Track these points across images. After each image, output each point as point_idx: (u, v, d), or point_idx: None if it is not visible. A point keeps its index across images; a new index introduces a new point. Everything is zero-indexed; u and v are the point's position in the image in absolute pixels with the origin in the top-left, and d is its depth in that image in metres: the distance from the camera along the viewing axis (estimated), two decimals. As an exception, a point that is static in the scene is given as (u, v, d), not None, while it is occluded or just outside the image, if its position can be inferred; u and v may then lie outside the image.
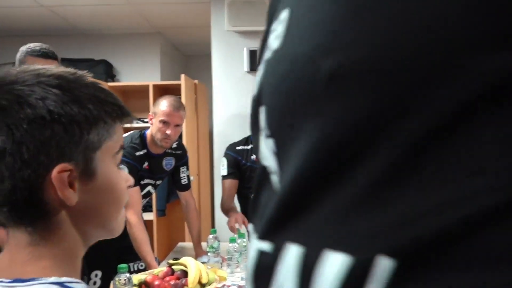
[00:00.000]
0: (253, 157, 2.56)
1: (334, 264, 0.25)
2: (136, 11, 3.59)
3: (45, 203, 0.56)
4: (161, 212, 3.71)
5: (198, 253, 2.42)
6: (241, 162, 2.57)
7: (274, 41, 0.33)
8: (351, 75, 0.25)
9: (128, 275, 1.62)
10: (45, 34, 4.11)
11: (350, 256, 0.24)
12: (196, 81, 3.82)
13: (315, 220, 0.27)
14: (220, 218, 3.02)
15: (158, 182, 2.46)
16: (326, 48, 0.27)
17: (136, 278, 1.81)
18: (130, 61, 4.26)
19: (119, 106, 0.62)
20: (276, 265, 0.28)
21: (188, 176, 2.54)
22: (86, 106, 0.57)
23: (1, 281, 0.55)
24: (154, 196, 3.41)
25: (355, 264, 0.24)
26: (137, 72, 4.24)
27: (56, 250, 0.59)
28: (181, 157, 2.49)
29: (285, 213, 0.30)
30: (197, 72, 4.69)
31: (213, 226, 3.10)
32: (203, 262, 2.17)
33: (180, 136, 3.06)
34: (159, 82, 4.00)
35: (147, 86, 3.72)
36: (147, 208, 3.49)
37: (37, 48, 1.76)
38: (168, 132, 2.18)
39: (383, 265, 0.23)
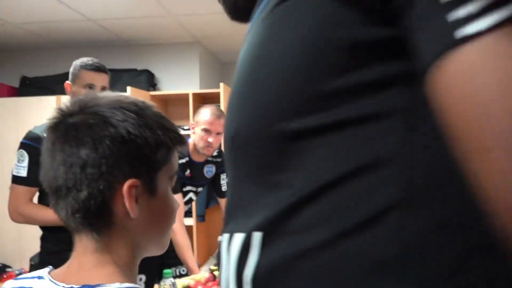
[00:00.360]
0: None
1: (237, 240, 0.44)
2: (176, 21, 3.70)
3: (113, 213, 0.64)
4: (200, 218, 3.79)
5: None
6: None
7: None
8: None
9: (172, 280, 1.68)
10: (91, 45, 4.31)
11: (243, 233, 0.43)
12: (234, 89, 3.88)
13: (232, 216, 0.48)
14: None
15: (200, 189, 2.53)
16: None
17: (180, 283, 1.87)
18: (170, 70, 4.38)
19: (179, 134, 0.71)
20: (220, 247, 0.48)
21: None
22: (156, 131, 0.66)
23: (71, 287, 0.61)
24: (194, 202, 3.49)
25: (245, 238, 0.43)
26: (177, 81, 4.36)
27: (117, 258, 0.65)
28: (221, 164, 2.55)
29: (225, 214, 0.50)
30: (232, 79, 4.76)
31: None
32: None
33: (220, 144, 3.13)
34: (199, 90, 4.09)
35: (187, 95, 3.82)
36: (187, 214, 3.58)
37: (90, 62, 1.86)
38: (210, 140, 2.24)
39: (256, 236, 0.42)
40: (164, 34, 4.08)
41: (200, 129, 2.24)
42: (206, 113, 2.26)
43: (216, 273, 1.96)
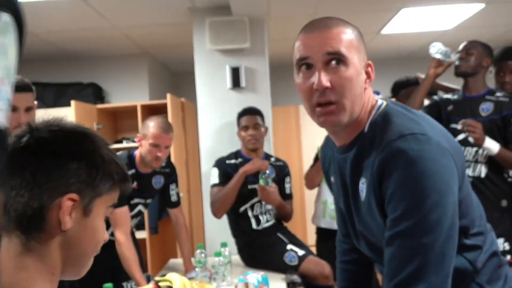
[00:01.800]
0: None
1: None
2: (121, 33, 3.67)
3: (46, 221, 0.69)
4: (153, 230, 3.75)
5: (187, 268, 2.46)
6: (231, 175, 2.61)
7: None
8: None
9: (113, 294, 1.66)
10: (33, 59, 4.19)
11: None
12: (182, 99, 3.89)
13: None
14: (211, 232, 3.07)
15: (149, 201, 2.51)
16: None
17: (123, 296, 1.85)
18: (119, 82, 4.34)
19: (125, 174, 0.78)
20: None
21: (177, 193, 2.59)
22: (105, 161, 0.73)
23: None
24: (146, 214, 3.45)
25: None
26: (126, 92, 4.32)
27: (39, 264, 0.69)
28: (170, 175, 2.55)
29: None
30: (186, 89, 4.77)
31: (204, 239, 3.14)
32: (191, 278, 2.22)
33: (169, 154, 3.12)
34: (147, 102, 4.07)
35: (135, 107, 3.79)
36: (139, 226, 3.54)
37: None
38: (159, 154, 2.25)
39: None
40: (111, 46, 4.04)
41: (148, 144, 2.25)
42: (153, 126, 2.25)
43: (161, 284, 1.95)
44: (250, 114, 2.62)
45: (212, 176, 2.66)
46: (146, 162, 2.30)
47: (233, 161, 2.65)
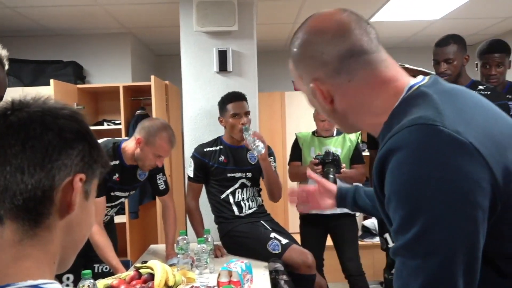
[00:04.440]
0: (222, 158, 2.57)
1: None
2: (105, 11, 3.54)
3: (54, 203, 0.63)
4: (134, 215, 3.69)
5: (168, 254, 2.42)
6: (208, 164, 2.58)
7: None
8: None
9: (92, 280, 1.62)
10: (11, 35, 4.03)
11: None
12: (167, 82, 3.80)
13: None
14: (192, 218, 3.02)
15: (132, 193, 2.47)
16: None
17: (102, 283, 1.81)
18: (100, 62, 4.21)
19: (107, 161, 0.74)
20: None
21: (165, 181, 2.54)
22: (99, 145, 0.71)
23: None
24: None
25: None
26: (108, 73, 4.19)
27: (41, 253, 0.63)
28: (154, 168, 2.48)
29: None
30: (169, 71, 4.67)
31: (186, 226, 3.09)
32: (172, 264, 2.18)
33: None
34: (130, 83, 3.96)
35: (117, 88, 3.69)
36: (119, 210, 3.46)
37: None
38: (158, 163, 2.25)
39: None
40: (93, 24, 3.90)
41: (152, 152, 2.18)
42: (164, 139, 2.18)
43: (142, 271, 1.91)
44: (240, 100, 2.54)
45: (189, 166, 2.64)
46: (135, 160, 2.24)
47: (213, 148, 2.60)
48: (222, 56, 2.95)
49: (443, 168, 0.68)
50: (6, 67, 1.20)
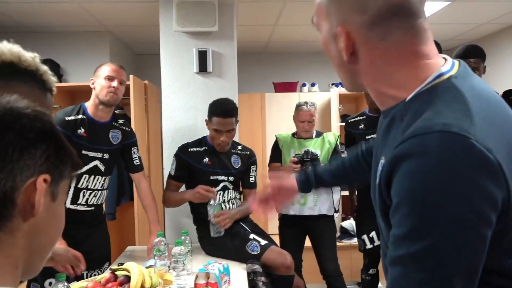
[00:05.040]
0: (206, 159, 2.56)
1: None
2: (84, 9, 3.48)
3: (16, 204, 0.60)
4: (111, 216, 3.63)
5: (152, 231, 2.41)
6: (192, 165, 2.56)
7: None
8: None
9: (66, 283, 1.58)
10: (-15, 31, 3.92)
11: None
12: (146, 82, 3.76)
13: None
14: (170, 219, 3.00)
15: (106, 156, 2.33)
16: None
17: (77, 285, 1.77)
18: (78, 61, 4.14)
19: (79, 161, 0.71)
20: None
21: (139, 158, 2.52)
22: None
23: None
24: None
25: None
26: (85, 71, 4.11)
27: (2, 258, 0.61)
28: (129, 134, 2.46)
29: None
30: (149, 71, 4.62)
31: (164, 227, 3.06)
32: (149, 266, 2.15)
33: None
34: (108, 82, 3.90)
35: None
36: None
37: None
38: (114, 85, 2.26)
39: None
40: (70, 21, 3.83)
41: (103, 78, 2.28)
42: (107, 65, 2.36)
43: (118, 273, 1.88)
44: (225, 117, 2.44)
45: (171, 165, 2.62)
46: (102, 102, 2.27)
47: (197, 148, 2.59)
48: (202, 56, 2.93)
49: (467, 185, 0.65)
50: (54, 92, 1.21)
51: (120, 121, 2.43)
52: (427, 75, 0.76)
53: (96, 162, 2.30)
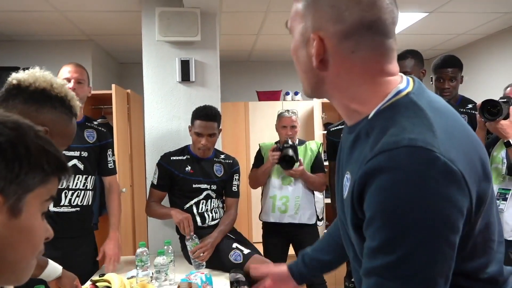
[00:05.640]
0: (188, 168, 2.56)
1: None
2: (65, 17, 3.47)
3: None
4: (93, 226, 3.58)
5: (112, 237, 2.39)
6: (174, 174, 2.55)
7: None
8: None
9: (46, 295, 1.56)
10: (-36, 40, 3.87)
11: None
12: (128, 91, 3.75)
13: None
14: (153, 229, 2.98)
15: (84, 154, 2.30)
16: None
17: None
18: (59, 69, 4.09)
19: (61, 162, 0.68)
20: None
21: (114, 161, 2.51)
22: (31, 151, 0.63)
23: None
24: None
25: None
26: (67, 80, 4.09)
27: None
28: (105, 135, 2.43)
29: None
30: (132, 80, 4.60)
31: (147, 237, 3.04)
32: (131, 277, 2.14)
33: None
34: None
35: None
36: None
37: None
38: (70, 86, 2.28)
39: None
40: (52, 30, 3.81)
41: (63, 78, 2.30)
42: (64, 67, 2.46)
43: (99, 284, 1.86)
44: (207, 120, 2.48)
45: (154, 173, 2.62)
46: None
47: (180, 157, 2.59)
48: (185, 66, 2.94)
49: (435, 196, 0.68)
50: (78, 116, 1.27)
51: (95, 122, 2.45)
52: (387, 91, 0.79)
53: (75, 161, 2.27)
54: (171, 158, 2.58)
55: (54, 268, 1.56)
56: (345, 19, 0.77)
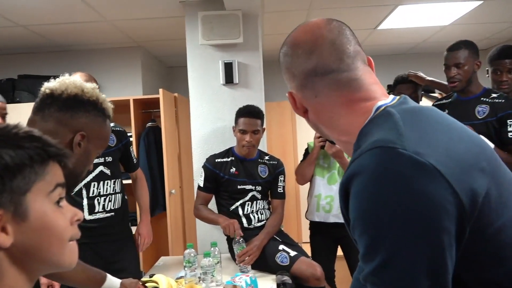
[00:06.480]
0: (233, 169, 2.58)
1: None
2: (114, 27, 3.61)
3: None
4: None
5: (143, 218, 2.49)
6: (219, 175, 2.59)
7: None
8: None
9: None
10: (25, 51, 4.13)
11: None
12: (176, 94, 3.84)
13: None
14: (201, 230, 3.03)
15: (109, 159, 2.35)
16: None
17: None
18: (112, 76, 4.27)
19: (44, 150, 0.65)
20: None
21: (135, 156, 2.56)
22: (4, 157, 0.61)
23: None
24: (137, 208, 3.40)
25: None
26: (119, 86, 4.26)
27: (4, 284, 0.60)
28: (122, 134, 2.45)
29: None
30: (180, 83, 4.71)
31: (196, 239, 3.10)
32: (180, 277, 2.19)
33: (161, 149, 3.04)
34: (139, 96, 4.01)
35: (128, 101, 3.74)
36: (132, 222, 3.49)
37: None
38: None
39: None
40: (103, 39, 3.97)
41: None
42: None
43: (148, 285, 1.91)
44: (250, 117, 2.53)
45: (200, 176, 2.66)
46: None
47: (224, 159, 2.62)
48: (228, 68, 2.97)
49: (403, 192, 0.65)
50: (111, 118, 1.28)
51: (112, 124, 2.45)
52: (368, 114, 0.81)
53: (101, 168, 2.34)
54: (216, 160, 2.62)
55: (112, 283, 1.57)
56: (296, 75, 0.88)
